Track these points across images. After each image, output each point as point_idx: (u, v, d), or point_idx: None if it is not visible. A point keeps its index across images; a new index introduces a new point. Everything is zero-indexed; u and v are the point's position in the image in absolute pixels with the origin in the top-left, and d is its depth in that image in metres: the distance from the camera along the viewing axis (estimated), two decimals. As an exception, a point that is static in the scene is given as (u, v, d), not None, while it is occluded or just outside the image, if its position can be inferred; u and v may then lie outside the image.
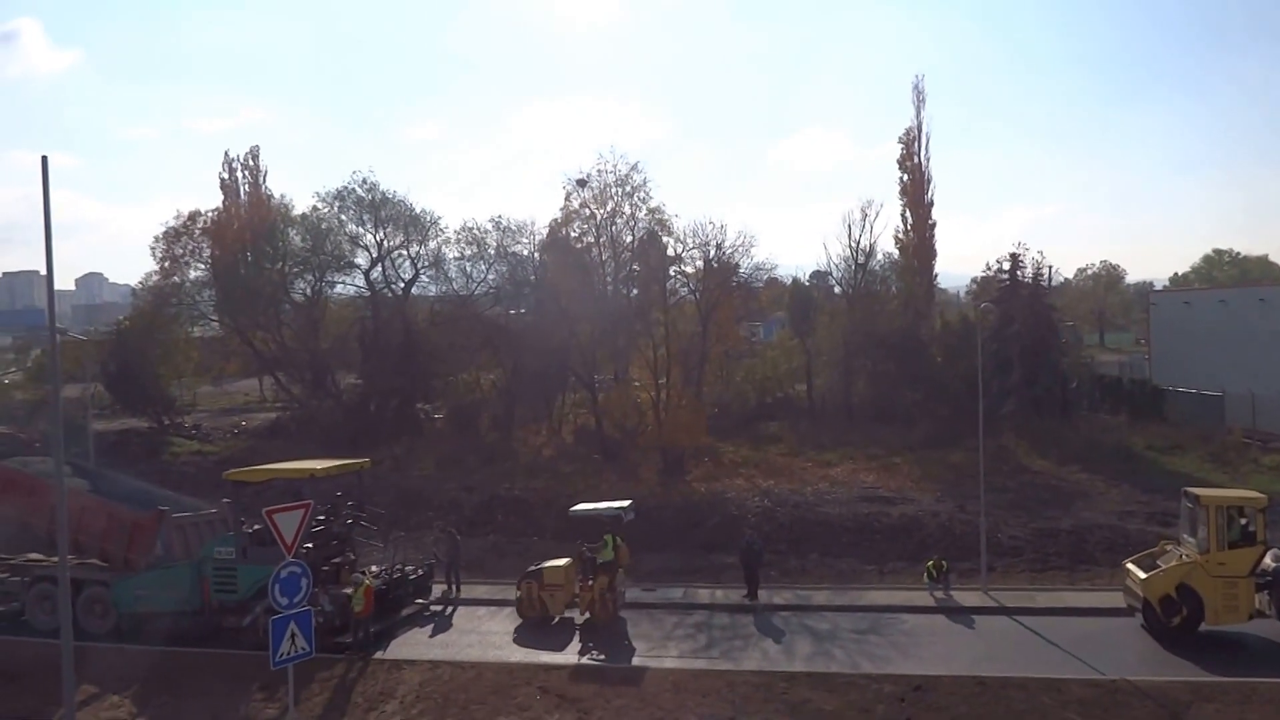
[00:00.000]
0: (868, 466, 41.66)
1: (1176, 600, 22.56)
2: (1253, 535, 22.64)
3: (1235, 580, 22.36)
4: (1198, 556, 22.71)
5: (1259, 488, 36.88)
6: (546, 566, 25.92)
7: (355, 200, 52.18)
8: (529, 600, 25.54)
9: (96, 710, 20.35)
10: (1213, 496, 23.26)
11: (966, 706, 18.94)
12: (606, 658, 23.05)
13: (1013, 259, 52.52)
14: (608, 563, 25.20)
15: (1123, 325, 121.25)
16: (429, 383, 51.74)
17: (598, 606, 25.03)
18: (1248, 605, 22.40)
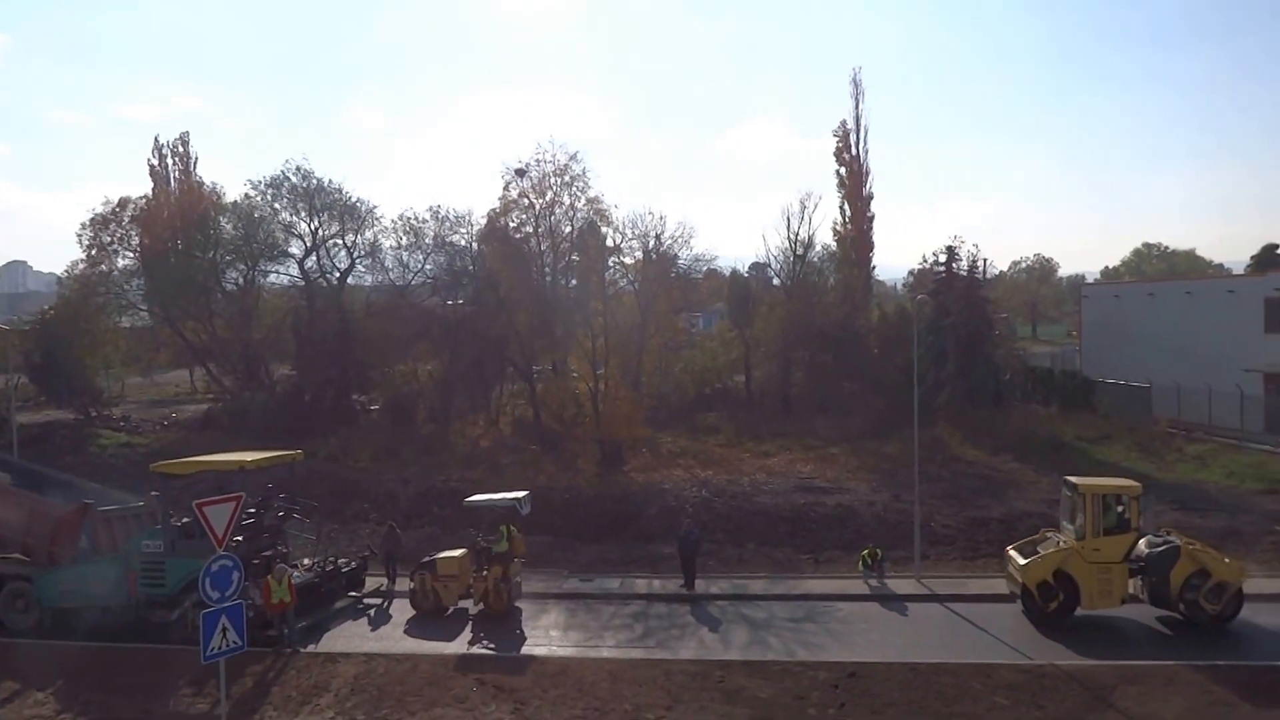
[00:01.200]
0: (805, 457, 42.03)
1: (1053, 586, 23.21)
2: (1127, 522, 23.37)
3: (1110, 566, 23.13)
4: (1075, 543, 23.39)
5: (1182, 476, 38.13)
6: (440, 557, 25.80)
7: (289, 188, 51.47)
8: (422, 591, 25.43)
9: (19, 707, 19.91)
10: (1090, 485, 23.88)
11: (899, 692, 19.20)
12: (496, 647, 22.99)
13: (949, 252, 53.17)
14: (503, 553, 25.18)
15: (1055, 317, 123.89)
16: (365, 374, 51.25)
17: (492, 597, 25.00)
18: (1121, 590, 23.20)
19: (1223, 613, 22.65)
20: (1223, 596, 22.58)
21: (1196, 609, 22.64)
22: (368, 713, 18.89)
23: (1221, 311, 50.75)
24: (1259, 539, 29.67)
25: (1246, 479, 37.11)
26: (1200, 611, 22.62)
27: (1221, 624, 22.63)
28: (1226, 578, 22.63)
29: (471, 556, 25.94)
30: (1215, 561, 22.84)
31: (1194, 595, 22.58)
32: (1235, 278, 62.74)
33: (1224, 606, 22.63)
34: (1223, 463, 39.73)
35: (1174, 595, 22.73)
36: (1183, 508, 33.30)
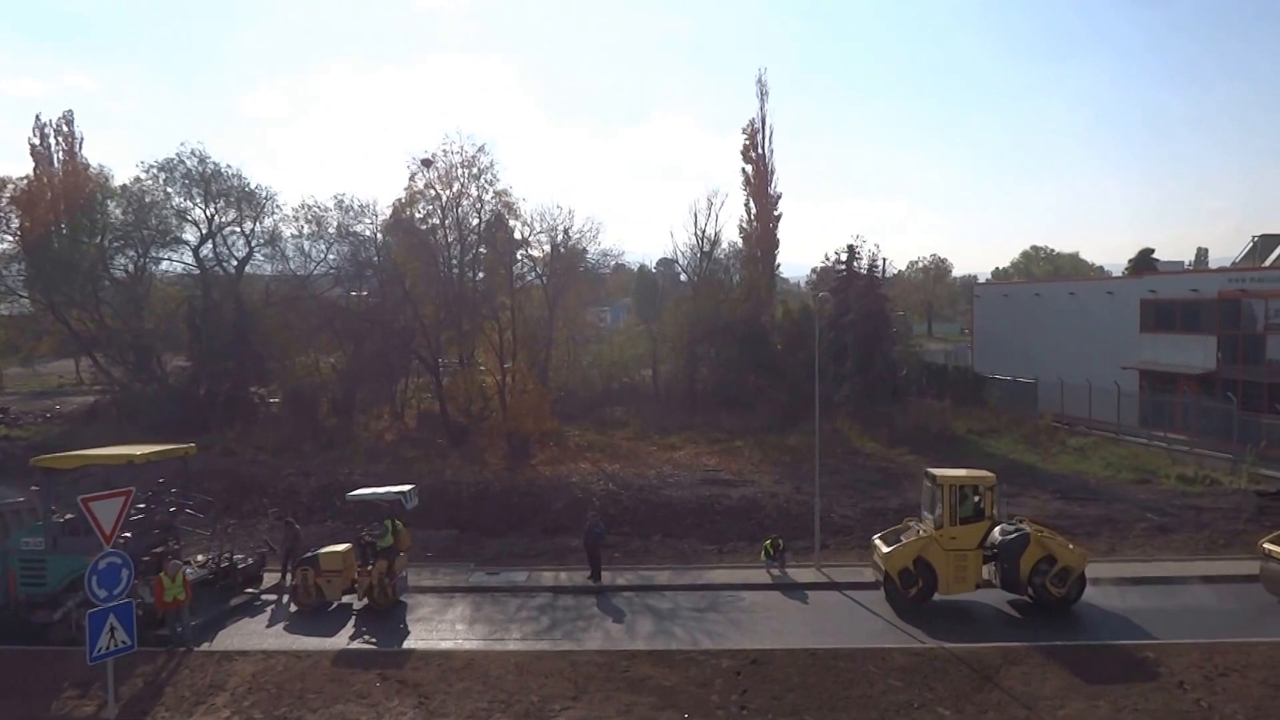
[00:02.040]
0: (710, 450, 42.43)
1: (913, 572, 24.05)
2: (982, 511, 24.25)
3: (965, 553, 24.04)
4: (934, 532, 24.23)
5: (1065, 468, 39.64)
6: (323, 552, 25.37)
7: (184, 173, 49.88)
8: (304, 587, 24.96)
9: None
10: (948, 476, 24.72)
11: (799, 677, 19.51)
12: (379, 642, 22.69)
13: (849, 251, 54.17)
14: (387, 548, 24.88)
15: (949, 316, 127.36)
16: (264, 365, 50.07)
17: (376, 592, 24.67)
18: (975, 575, 24.15)
19: (1067, 596, 23.68)
20: (1068, 581, 23.62)
21: (1044, 592, 23.63)
22: (266, 711, 18.38)
23: (1102, 312, 52.93)
24: (1132, 526, 31.02)
25: (1122, 470, 38.82)
26: (1047, 595, 23.61)
27: (1066, 606, 23.65)
28: (1071, 563, 23.68)
29: (356, 551, 25.51)
30: (1061, 548, 23.88)
31: (1041, 580, 23.59)
32: (1114, 280, 65.30)
33: (1069, 590, 23.66)
34: (1101, 454, 41.46)
35: (1023, 580, 23.71)
36: (1064, 497, 34.72)
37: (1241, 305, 44.65)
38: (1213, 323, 45.92)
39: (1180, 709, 17.74)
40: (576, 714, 17.95)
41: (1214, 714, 17.51)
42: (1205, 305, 46.38)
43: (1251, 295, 44.08)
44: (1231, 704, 17.85)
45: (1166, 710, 17.70)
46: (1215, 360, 45.35)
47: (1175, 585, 25.74)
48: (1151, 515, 32.02)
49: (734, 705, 18.27)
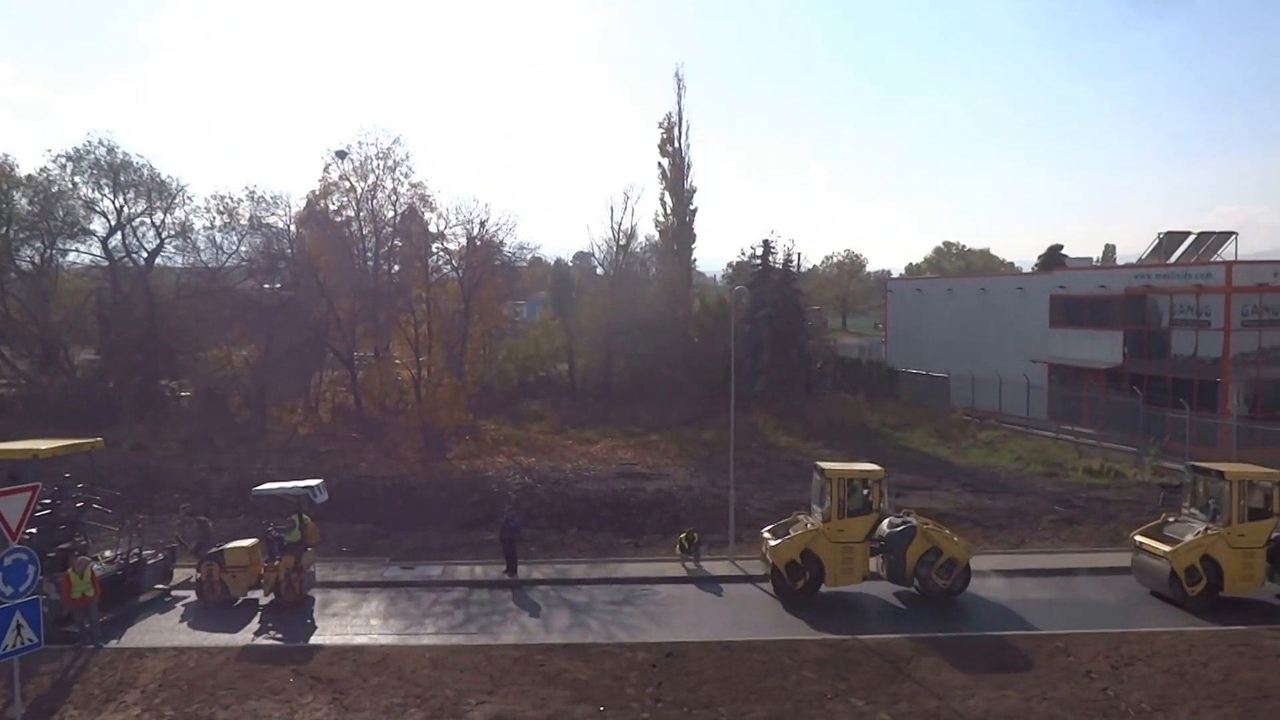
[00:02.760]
0: (626, 444, 42.82)
1: (801, 565, 24.60)
2: (870, 504, 24.91)
3: (853, 545, 24.66)
4: (822, 524, 24.81)
5: (975, 461, 40.69)
6: (229, 548, 25.14)
7: (93, 163, 48.74)
8: (209, 583, 24.74)
9: None
10: (836, 470, 25.42)
11: (714, 670, 19.89)
12: (284, 638, 22.66)
13: (765, 246, 54.94)
14: (294, 543, 24.83)
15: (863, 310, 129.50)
16: (175, 359, 49.20)
17: (283, 587, 24.60)
18: (862, 568, 24.79)
19: (952, 587, 24.41)
20: (953, 572, 24.35)
21: (929, 584, 24.34)
22: (178, 709, 18.24)
23: (1012, 307, 54.48)
24: (1040, 518, 32.12)
25: (1031, 463, 40.03)
26: (933, 586, 24.31)
27: (951, 597, 24.39)
28: (956, 555, 24.39)
29: (263, 546, 25.32)
30: (947, 540, 24.60)
31: (927, 571, 24.30)
32: (1024, 275, 67.09)
33: (954, 581, 24.40)
34: (1011, 448, 42.73)
35: (909, 572, 24.39)
36: (975, 490, 35.70)
37: (1147, 301, 46.36)
38: (1120, 318, 47.59)
39: (1087, 698, 18.39)
40: (492, 708, 18.12)
41: (1120, 702, 18.17)
42: (1113, 301, 48.02)
43: (1157, 291, 45.78)
44: (1137, 692, 18.57)
45: (1074, 699, 18.32)
46: (1122, 355, 47.01)
47: (1063, 577, 26.71)
48: (1059, 508, 33.19)
49: (649, 698, 18.57)
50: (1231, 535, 23.72)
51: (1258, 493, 24.26)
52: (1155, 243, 52.72)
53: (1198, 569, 23.61)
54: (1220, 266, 44.57)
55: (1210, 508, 24.73)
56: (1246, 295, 42.45)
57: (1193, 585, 23.59)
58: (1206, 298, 43.09)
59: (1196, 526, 24.54)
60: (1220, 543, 23.71)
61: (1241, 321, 42.50)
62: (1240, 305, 42.48)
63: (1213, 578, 23.64)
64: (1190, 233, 52.32)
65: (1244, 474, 24.33)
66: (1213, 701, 18.17)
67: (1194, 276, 44.42)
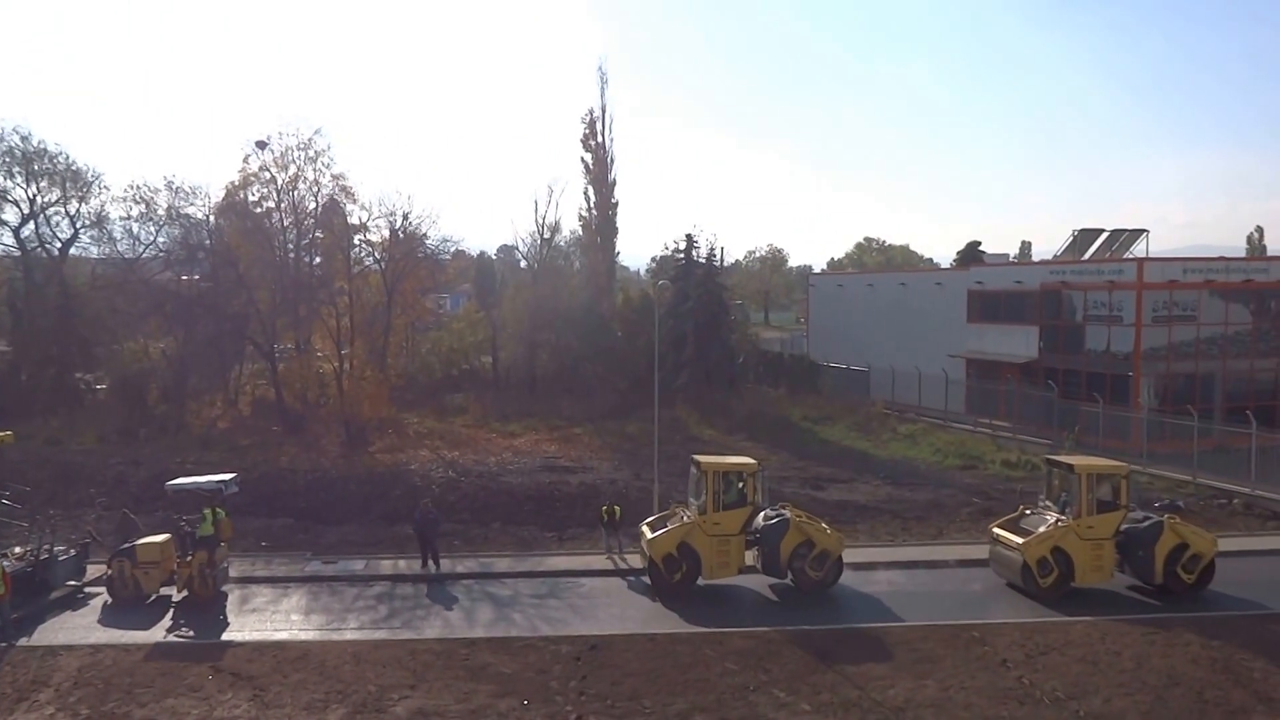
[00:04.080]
0: (550, 437, 42.97)
1: (677, 558, 24.77)
2: (745, 497, 25.20)
3: (729, 538, 24.91)
4: (698, 517, 25.05)
5: (896, 453, 41.48)
6: (140, 544, 24.76)
7: (5, 150, 47.53)
8: (121, 579, 24.33)
9: None
10: (712, 463, 25.52)
11: (638, 662, 20.14)
12: (196, 634, 22.49)
13: (688, 240, 55.34)
14: (207, 537, 24.56)
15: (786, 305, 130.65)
16: (90, 351, 48.25)
17: (196, 583, 24.32)
18: (738, 560, 25.08)
19: (824, 579, 24.74)
20: (825, 564, 24.69)
21: (802, 576, 24.65)
22: (93, 707, 18.00)
23: (931, 302, 55.53)
24: (958, 510, 32.91)
25: (949, 456, 40.98)
26: (805, 578, 24.64)
27: (823, 590, 24.72)
28: (829, 547, 24.73)
29: (175, 541, 24.97)
30: (820, 533, 24.89)
31: (800, 564, 24.58)
32: (943, 271, 68.43)
33: (826, 573, 24.72)
34: (930, 441, 43.68)
35: (783, 564, 24.68)
36: (894, 483, 36.48)
37: (1062, 297, 47.63)
38: (1035, 313, 48.81)
39: (1004, 686, 18.90)
40: (415, 703, 18.18)
41: (1035, 690, 18.71)
42: (1028, 296, 49.26)
43: (1072, 287, 47.07)
44: (1052, 680, 19.14)
45: (991, 687, 18.81)
46: (1037, 349, 48.28)
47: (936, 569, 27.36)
48: (976, 499, 34.04)
49: (574, 691, 18.72)
50: (1081, 527, 24.37)
51: (1106, 485, 25.00)
52: (1070, 239, 54.16)
53: (1049, 560, 24.18)
54: (1132, 264, 46.03)
55: (1062, 500, 25.44)
56: (1157, 292, 43.85)
57: (1044, 577, 24.19)
58: (1119, 294, 44.42)
59: (1050, 519, 25.13)
60: (1070, 535, 24.34)
61: (1152, 317, 43.89)
62: (1151, 301, 43.85)
63: (1064, 569, 24.24)
64: (1104, 230, 53.79)
65: (1093, 467, 25.03)
66: (1125, 689, 18.76)
67: (1107, 273, 45.76)
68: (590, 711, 17.93)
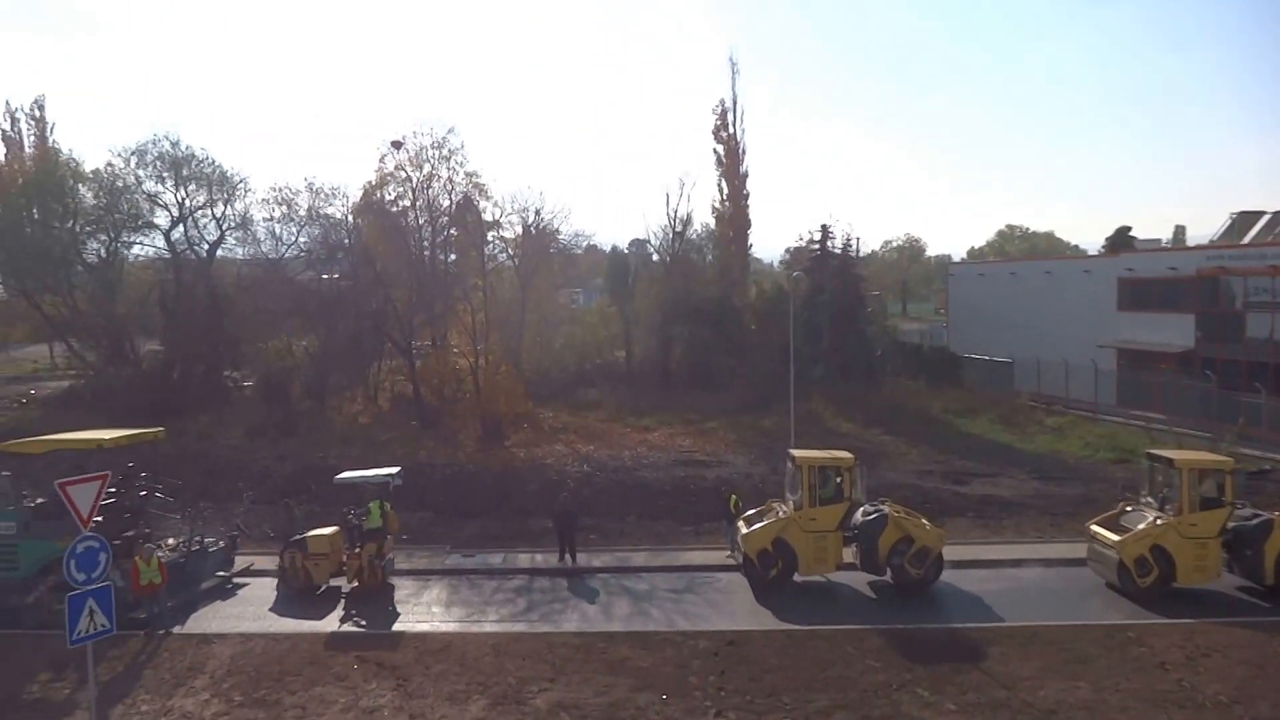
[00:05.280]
0: (684, 431, 42.56)
1: (773, 554, 24.21)
2: (842, 492, 24.38)
3: (825, 534, 24.20)
4: (794, 513, 24.42)
5: (1042, 447, 39.78)
6: (310, 536, 25.44)
7: (156, 156, 49.61)
8: (292, 570, 25.07)
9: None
10: (807, 457, 24.85)
11: (777, 659, 19.65)
12: (369, 625, 22.87)
13: (823, 230, 54.39)
14: (375, 530, 25.02)
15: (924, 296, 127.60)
16: (237, 349, 49.93)
17: (365, 574, 24.85)
18: (835, 557, 24.37)
19: (925, 576, 23.94)
20: (925, 561, 23.87)
21: (901, 573, 23.90)
22: (245, 694, 18.45)
23: (1078, 290, 53.26)
24: (1110, 506, 31.18)
25: (1100, 449, 39.02)
26: (905, 575, 23.88)
27: (924, 587, 23.92)
28: (929, 544, 23.92)
29: (343, 534, 25.62)
30: (919, 529, 24.07)
31: (899, 560, 23.86)
32: (1091, 258, 65.64)
33: (926, 571, 23.92)
34: (1079, 434, 41.72)
35: (882, 561, 23.99)
36: (1041, 477, 34.89)
37: (1220, 283, 45.13)
38: (1191, 301, 46.39)
39: (1162, 689, 17.88)
40: (554, 695, 18.07)
41: (1197, 694, 17.64)
42: (1183, 283, 46.83)
43: (1230, 273, 44.56)
44: (1214, 684, 18.02)
45: (1148, 690, 17.83)
46: (1194, 338, 45.81)
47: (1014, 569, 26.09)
48: (1130, 494, 32.35)
49: (712, 686, 18.39)
50: (1183, 525, 22.97)
51: (1210, 481, 23.42)
52: (1228, 223, 51.31)
53: (1148, 560, 22.92)
54: (1298, 246, 43.27)
55: (1162, 496, 24.06)
56: (1326, 275, 41.06)
57: (1143, 576, 22.93)
58: (1283, 278, 41.78)
59: (1149, 516, 23.82)
60: (1171, 533, 22.98)
61: (1321, 303, 41.12)
62: (1319, 286, 41.08)
63: (1164, 569, 22.90)
64: (1265, 212, 50.80)
65: (1195, 462, 23.63)
66: (1294, 694, 17.44)
67: (1270, 257, 43.11)
68: (729, 707, 17.54)
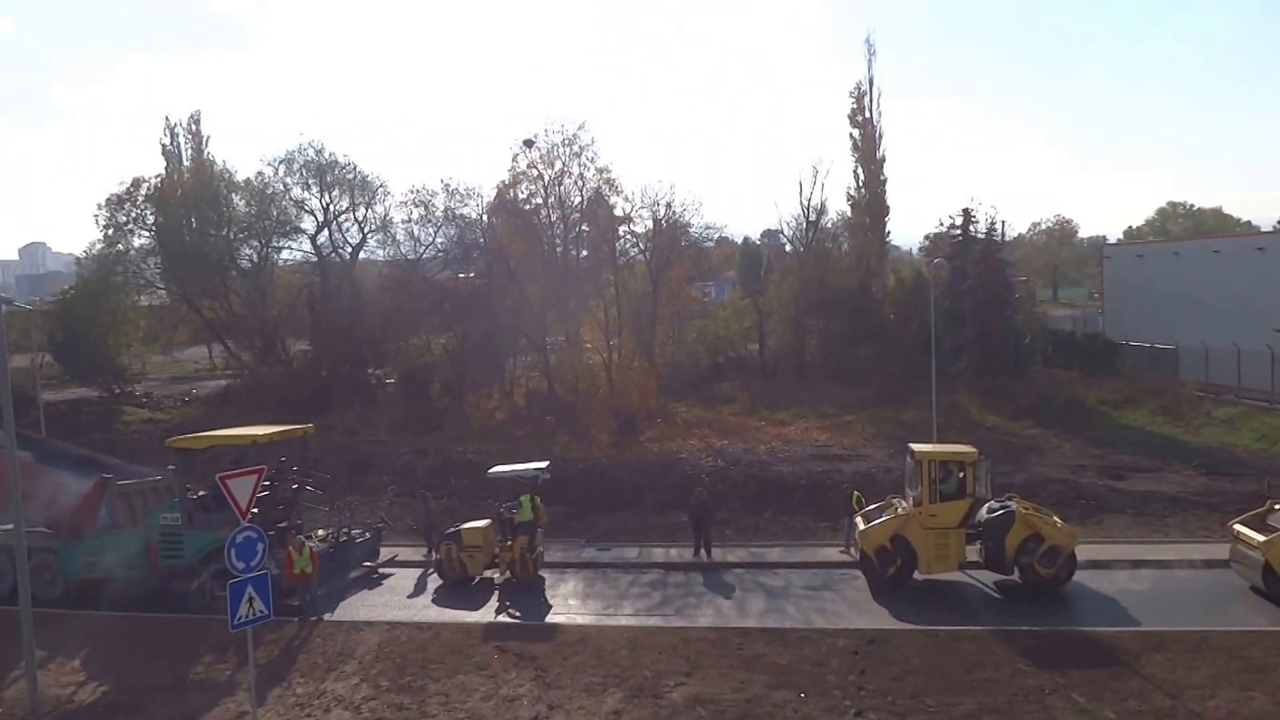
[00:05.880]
0: (820, 424, 41.89)
1: (892, 551, 23.38)
2: (964, 488, 23.47)
3: (947, 531, 23.29)
4: (913, 509, 23.57)
5: (1211, 440, 37.45)
6: (465, 528, 25.96)
7: (302, 164, 51.72)
8: (448, 561, 25.68)
9: (58, 674, 20.21)
10: (927, 452, 23.99)
11: (920, 659, 19.16)
12: (523, 616, 23.22)
13: (965, 214, 52.45)
14: (526, 522, 25.35)
15: (1076, 280, 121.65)
16: (379, 348, 51.41)
17: (518, 566, 25.21)
18: (958, 555, 23.45)
19: (1056, 576, 22.89)
20: (1056, 561, 22.79)
21: (1031, 572, 22.85)
22: (392, 680, 19.04)
23: (1250, 270, 49.47)
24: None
25: (1277, 442, 36.54)
26: (1034, 575, 22.84)
27: (1055, 588, 22.90)
28: (1059, 542, 22.83)
29: (495, 527, 26.15)
30: (1049, 527, 23.01)
31: (1029, 559, 22.81)
32: (1265, 235, 61.39)
33: (1058, 570, 22.85)
34: (1253, 425, 38.80)
35: (1009, 559, 22.96)
36: (1210, 472, 32.88)
37: None
38: (1383, 279, 42.93)
39: None
40: (690, 690, 18.02)
41: None
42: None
43: None
44: None
45: None
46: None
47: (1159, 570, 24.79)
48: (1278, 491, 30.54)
49: (852, 686, 18.02)
50: None
51: None
52: None
53: None
54: None
55: None
56: None
57: None
58: None
59: None
60: None
61: None
62: None
63: None
64: None
65: None
66: None
67: None
68: (870, 707, 17.14)
